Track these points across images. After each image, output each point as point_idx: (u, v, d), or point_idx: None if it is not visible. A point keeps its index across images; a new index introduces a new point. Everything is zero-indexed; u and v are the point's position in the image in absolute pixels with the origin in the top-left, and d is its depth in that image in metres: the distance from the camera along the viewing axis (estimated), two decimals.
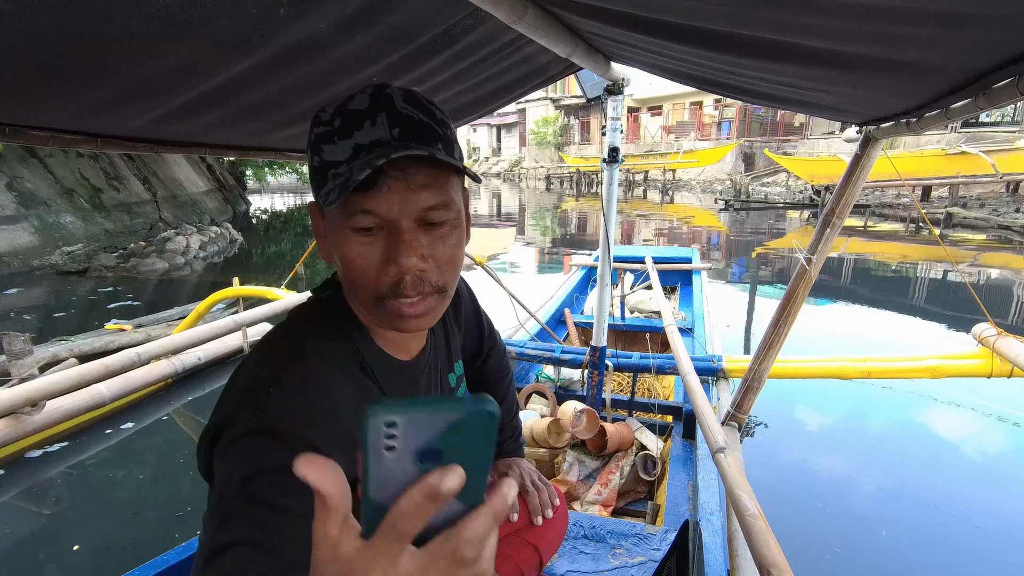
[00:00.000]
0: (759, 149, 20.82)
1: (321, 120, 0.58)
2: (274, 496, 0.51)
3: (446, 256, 0.60)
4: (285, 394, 0.55)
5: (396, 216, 0.56)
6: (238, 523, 0.50)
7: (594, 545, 1.44)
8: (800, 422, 3.46)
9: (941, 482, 2.75)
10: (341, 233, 0.58)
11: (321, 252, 0.65)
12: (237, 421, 0.54)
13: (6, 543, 2.39)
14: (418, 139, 0.57)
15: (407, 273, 0.57)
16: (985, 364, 1.87)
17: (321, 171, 0.58)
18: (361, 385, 0.63)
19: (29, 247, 8.41)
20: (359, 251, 0.58)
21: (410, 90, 0.60)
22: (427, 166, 0.56)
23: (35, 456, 3.02)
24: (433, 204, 0.57)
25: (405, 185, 0.55)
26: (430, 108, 0.60)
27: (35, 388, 2.79)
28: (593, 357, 2.16)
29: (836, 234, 1.43)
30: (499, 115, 33.60)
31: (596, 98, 1.86)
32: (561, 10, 0.90)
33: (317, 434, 0.54)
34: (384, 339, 0.68)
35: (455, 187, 0.61)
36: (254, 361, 0.60)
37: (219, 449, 0.54)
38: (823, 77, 0.83)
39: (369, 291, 0.59)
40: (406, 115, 0.57)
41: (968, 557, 2.23)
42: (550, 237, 12.15)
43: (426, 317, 0.61)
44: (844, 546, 2.27)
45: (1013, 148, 10.85)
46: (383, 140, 0.56)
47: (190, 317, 4.29)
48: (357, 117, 0.56)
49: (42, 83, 0.67)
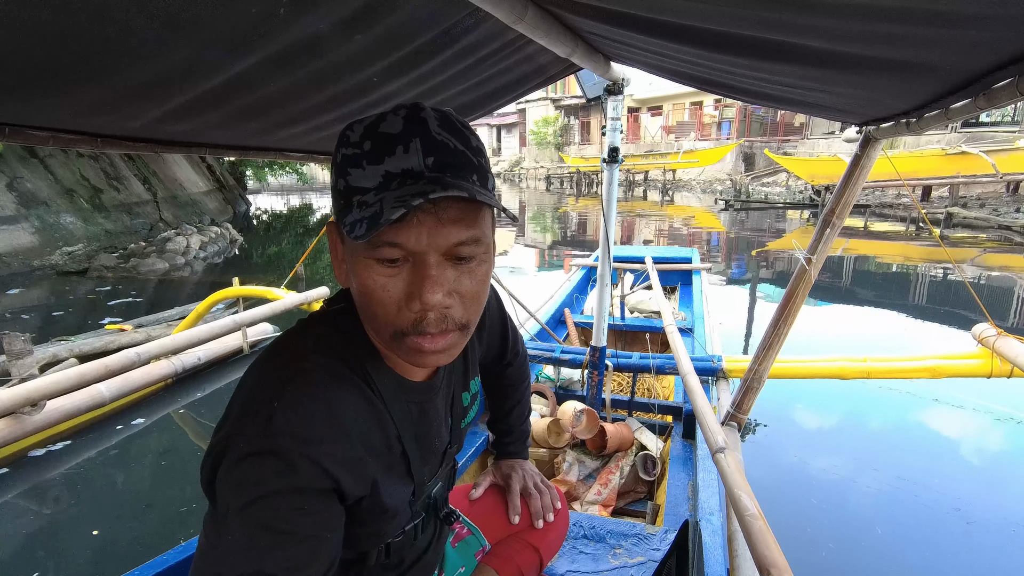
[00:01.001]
0: (759, 149, 20.82)
1: (349, 140, 0.55)
2: (286, 521, 0.50)
3: (472, 292, 0.57)
4: (289, 411, 0.53)
5: (424, 250, 0.53)
6: (255, 553, 0.49)
7: (594, 545, 1.44)
8: (800, 422, 3.46)
9: (941, 482, 2.75)
10: (363, 262, 0.54)
11: (337, 275, 0.61)
12: (240, 441, 0.52)
13: (6, 543, 2.39)
14: (453, 169, 0.53)
15: (431, 310, 0.54)
16: (985, 364, 1.87)
17: (346, 195, 0.54)
18: (369, 401, 0.60)
19: (29, 247, 8.41)
20: (381, 283, 0.54)
21: (445, 113, 0.56)
22: (461, 200, 0.53)
23: (35, 456, 3.02)
24: (463, 239, 0.54)
25: (436, 219, 0.52)
26: (466, 135, 0.56)
27: (35, 388, 2.79)
28: (593, 357, 2.16)
29: (836, 234, 1.43)
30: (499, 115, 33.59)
31: (596, 98, 1.86)
32: (561, 10, 0.90)
33: (324, 453, 0.53)
34: (394, 360, 0.65)
35: (486, 221, 0.57)
36: (257, 375, 0.57)
37: (223, 470, 0.52)
38: (823, 77, 0.83)
39: (389, 325, 0.56)
40: (441, 142, 0.53)
41: (968, 557, 2.23)
42: (550, 237, 12.15)
43: (446, 353, 0.58)
44: (844, 546, 2.27)
45: (1013, 148, 10.84)
46: (416, 170, 0.52)
47: (190, 317, 4.29)
48: (389, 141, 0.52)
49: (42, 83, 0.67)
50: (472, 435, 2.08)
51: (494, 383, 1.09)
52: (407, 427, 0.66)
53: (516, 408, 1.12)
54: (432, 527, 0.81)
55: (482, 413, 2.21)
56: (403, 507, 0.68)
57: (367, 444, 0.59)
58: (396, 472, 0.65)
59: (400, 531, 0.71)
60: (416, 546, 0.78)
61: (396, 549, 0.72)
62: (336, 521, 0.56)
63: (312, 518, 0.52)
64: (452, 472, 0.85)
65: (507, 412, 1.12)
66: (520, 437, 1.14)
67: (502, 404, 1.12)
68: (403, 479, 0.67)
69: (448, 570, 0.94)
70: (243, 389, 0.57)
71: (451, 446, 0.79)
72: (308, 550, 0.51)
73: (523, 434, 1.14)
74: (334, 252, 0.61)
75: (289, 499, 0.50)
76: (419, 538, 0.77)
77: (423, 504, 0.74)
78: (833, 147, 17.23)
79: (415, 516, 0.72)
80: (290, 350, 0.59)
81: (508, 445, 1.13)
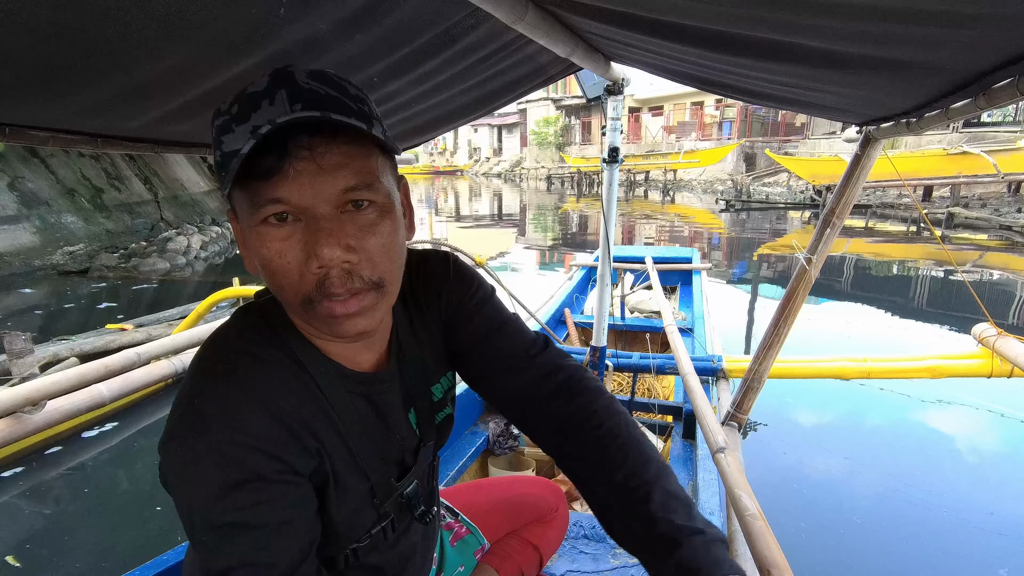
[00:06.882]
0: (760, 149, 20.81)
1: (220, 111, 0.52)
2: (244, 513, 0.50)
3: (377, 246, 0.53)
4: (214, 405, 0.52)
5: (310, 202, 0.50)
6: (223, 550, 0.50)
7: (594, 545, 1.44)
8: (800, 422, 3.46)
9: (941, 482, 2.75)
10: (255, 233, 0.51)
11: (247, 265, 0.57)
12: (182, 442, 0.51)
13: (6, 543, 2.39)
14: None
15: (331, 266, 0.51)
16: (985, 364, 1.87)
17: (224, 165, 0.51)
18: (303, 383, 0.57)
19: (31, 247, 8.42)
20: (277, 249, 0.51)
21: (319, 69, 0.53)
22: (340, 143, 0.50)
23: (36, 456, 3.02)
24: (352, 184, 0.51)
25: (316, 166, 0.49)
26: (341, 84, 0.53)
27: (36, 388, 2.78)
28: (593, 357, 2.16)
29: (836, 234, 1.43)
30: (500, 115, 33.62)
31: (596, 98, 1.86)
32: (561, 10, 0.90)
33: (259, 436, 0.52)
34: (328, 347, 0.61)
35: (381, 168, 0.54)
36: (188, 376, 0.56)
37: (172, 476, 0.52)
38: (823, 77, 0.83)
39: (295, 294, 0.52)
40: (310, 90, 0.50)
41: (968, 557, 2.23)
42: (551, 237, 12.15)
43: (364, 317, 0.54)
44: (844, 546, 2.27)
45: (1015, 148, 10.83)
46: (281, 117, 0.48)
47: (191, 317, 4.29)
48: (254, 99, 0.50)
49: (42, 83, 0.67)
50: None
51: (542, 419, 0.70)
52: (353, 420, 0.61)
53: (645, 475, 0.61)
54: (416, 529, 0.75)
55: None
56: (364, 507, 0.64)
57: (305, 423, 0.56)
58: (346, 468, 0.61)
59: (366, 534, 0.66)
60: (397, 550, 0.72)
61: (366, 553, 0.67)
62: (298, 500, 0.55)
63: (269, 505, 0.51)
64: (432, 470, 0.78)
65: (619, 486, 0.61)
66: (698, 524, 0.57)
67: (604, 470, 0.63)
68: (356, 476, 0.62)
69: (447, 570, 0.94)
70: (176, 397, 0.55)
71: (424, 443, 0.72)
72: (275, 536, 0.51)
73: (688, 506, 0.59)
74: (239, 240, 0.57)
75: (239, 492, 0.50)
76: (399, 541, 0.72)
77: (393, 505, 0.68)
78: (834, 147, 17.21)
79: (382, 518, 0.67)
80: (214, 344, 0.58)
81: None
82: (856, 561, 2.20)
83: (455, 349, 0.75)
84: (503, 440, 2.06)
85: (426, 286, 0.72)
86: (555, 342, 0.83)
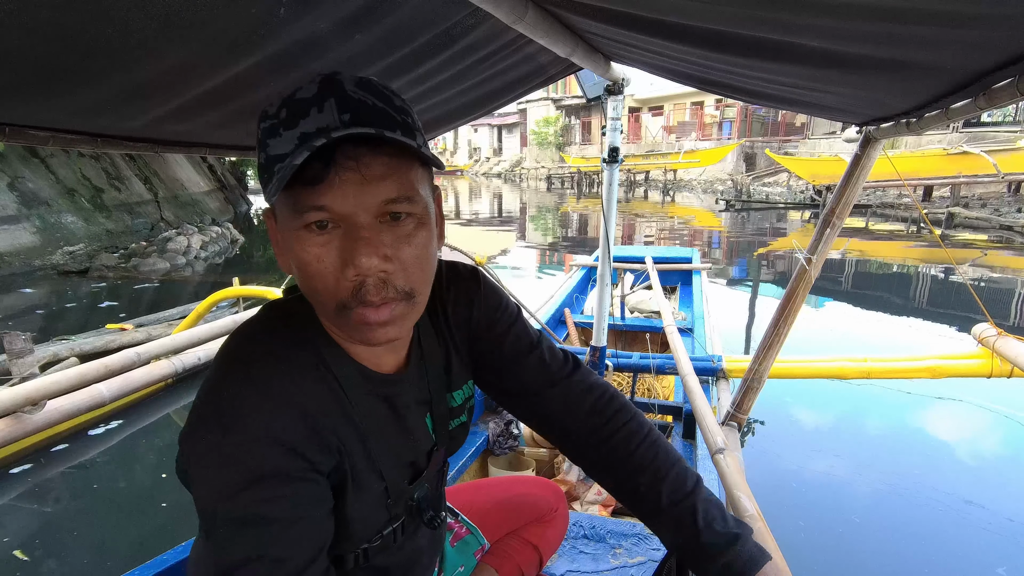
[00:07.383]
0: (760, 149, 20.82)
1: (267, 114, 0.53)
2: (262, 508, 0.51)
3: (412, 257, 0.54)
4: (234, 403, 0.52)
5: (352, 211, 0.51)
6: (238, 544, 0.50)
7: (594, 545, 1.44)
8: (800, 422, 3.46)
9: (941, 482, 2.75)
10: (295, 237, 0.52)
11: (280, 264, 0.58)
12: (205, 434, 0.52)
13: (7, 543, 2.39)
14: (372, 125, 0.50)
15: (368, 275, 0.52)
16: (985, 364, 1.87)
17: (268, 168, 0.52)
18: (325, 381, 0.58)
19: (31, 247, 8.42)
20: (315, 255, 0.52)
21: (365, 77, 0.54)
22: (384, 154, 0.51)
23: (36, 456, 3.02)
24: (393, 196, 0.52)
25: (360, 176, 0.50)
26: (387, 94, 0.54)
27: (36, 387, 2.79)
28: (593, 357, 2.16)
29: (836, 234, 1.43)
30: (500, 115, 33.62)
31: (596, 98, 1.86)
32: (561, 10, 0.90)
33: (286, 436, 0.52)
34: (353, 349, 0.62)
35: (420, 180, 0.55)
36: (213, 370, 0.56)
37: (193, 467, 0.53)
38: (823, 77, 0.83)
39: (330, 299, 0.54)
40: (358, 100, 0.51)
41: (967, 556, 2.23)
42: (551, 237, 12.15)
43: (394, 325, 0.55)
44: (844, 547, 2.27)
45: (1015, 148, 10.83)
46: (331, 127, 0.50)
47: (190, 317, 4.29)
48: (303, 105, 0.51)
49: (42, 83, 0.67)
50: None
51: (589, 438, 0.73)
52: (372, 420, 0.62)
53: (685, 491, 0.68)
54: (423, 533, 0.76)
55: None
56: (377, 507, 0.65)
57: (327, 421, 0.57)
58: (364, 467, 0.62)
59: (377, 534, 0.67)
60: (404, 552, 0.73)
61: (375, 554, 0.68)
62: (315, 498, 0.55)
63: (288, 501, 0.52)
64: (441, 475, 0.79)
65: (662, 496, 0.68)
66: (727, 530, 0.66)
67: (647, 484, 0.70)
68: (372, 475, 0.63)
69: (447, 569, 0.94)
70: (203, 386, 0.56)
71: (437, 448, 0.73)
72: (290, 532, 0.52)
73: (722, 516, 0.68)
74: (274, 241, 0.59)
75: (260, 487, 0.51)
76: (406, 544, 0.72)
77: (404, 507, 0.69)
78: (834, 147, 17.22)
79: (393, 519, 0.68)
80: (242, 338, 0.58)
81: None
82: (855, 561, 2.20)
83: (482, 363, 0.77)
84: (503, 440, 2.06)
85: (456, 297, 0.74)
86: (554, 339, 0.85)
